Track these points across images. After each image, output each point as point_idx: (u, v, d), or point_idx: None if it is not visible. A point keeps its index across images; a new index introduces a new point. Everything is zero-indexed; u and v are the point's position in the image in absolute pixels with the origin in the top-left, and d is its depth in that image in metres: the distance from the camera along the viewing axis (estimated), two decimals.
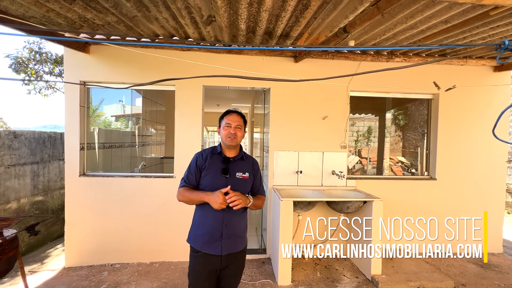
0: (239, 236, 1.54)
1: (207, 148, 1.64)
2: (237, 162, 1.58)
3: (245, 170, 1.57)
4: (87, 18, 2.24)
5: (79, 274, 2.78)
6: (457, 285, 2.63)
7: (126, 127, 4.83)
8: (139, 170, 3.64)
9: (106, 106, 4.39)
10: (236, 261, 1.54)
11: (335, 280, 2.69)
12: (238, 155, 1.60)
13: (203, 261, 1.48)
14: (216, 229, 1.47)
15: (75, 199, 2.96)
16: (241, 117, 1.58)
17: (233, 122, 1.53)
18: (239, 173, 1.54)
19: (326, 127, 3.22)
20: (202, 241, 1.49)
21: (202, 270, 1.49)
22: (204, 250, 1.47)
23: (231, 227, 1.49)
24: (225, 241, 1.47)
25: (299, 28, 2.34)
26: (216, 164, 1.54)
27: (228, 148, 1.58)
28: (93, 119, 4.10)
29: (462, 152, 3.38)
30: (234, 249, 1.51)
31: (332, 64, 3.17)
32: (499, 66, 3.35)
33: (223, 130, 1.55)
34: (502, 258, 3.30)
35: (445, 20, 2.15)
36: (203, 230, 1.50)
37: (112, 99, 4.59)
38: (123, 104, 4.66)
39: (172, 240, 3.06)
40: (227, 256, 1.48)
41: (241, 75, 3.02)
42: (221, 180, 1.50)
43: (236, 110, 1.60)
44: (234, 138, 1.52)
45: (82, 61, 2.94)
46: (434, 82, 2.78)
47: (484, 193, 3.43)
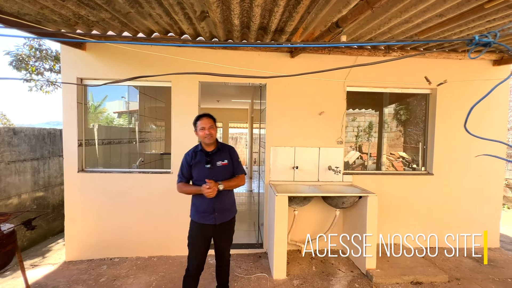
0: (228, 209, 2.02)
1: (191, 149, 2.06)
2: (216, 154, 2.00)
3: (224, 158, 2.01)
4: (81, 15, 2.25)
5: (79, 268, 2.84)
6: (451, 279, 2.65)
7: (129, 123, 4.86)
8: (137, 166, 3.68)
9: (108, 103, 4.42)
10: (227, 227, 2.04)
11: (330, 274, 2.73)
12: (215, 148, 2.02)
13: (200, 228, 1.96)
14: (210, 206, 1.93)
15: (74, 195, 3.01)
16: (211, 118, 2.00)
17: (205, 124, 1.94)
18: (219, 162, 1.98)
19: (322, 122, 3.22)
20: (199, 216, 1.95)
21: (199, 235, 1.97)
22: (201, 221, 1.95)
23: (221, 203, 1.96)
24: (217, 214, 1.94)
25: (293, 23, 2.33)
26: (200, 159, 1.97)
27: (207, 145, 2.00)
28: (95, 116, 4.14)
29: (459, 147, 3.37)
30: (225, 218, 2.00)
31: (328, 59, 3.15)
32: (498, 60, 3.31)
33: (200, 132, 1.95)
34: (498, 253, 3.30)
35: (440, 14, 2.12)
36: (200, 208, 1.95)
37: (115, 96, 4.62)
38: (125, 100, 4.69)
39: (170, 235, 3.10)
40: (220, 224, 1.97)
41: (237, 71, 3.03)
42: (205, 170, 1.94)
43: (205, 114, 2.00)
44: (210, 137, 1.94)
45: (79, 58, 2.96)
46: (425, 77, 2.77)
47: (481, 188, 3.42)
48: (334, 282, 2.59)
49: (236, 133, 15.34)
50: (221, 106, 9.46)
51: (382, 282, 2.56)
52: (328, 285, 2.53)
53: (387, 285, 2.54)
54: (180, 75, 3.03)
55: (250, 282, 2.58)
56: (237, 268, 2.82)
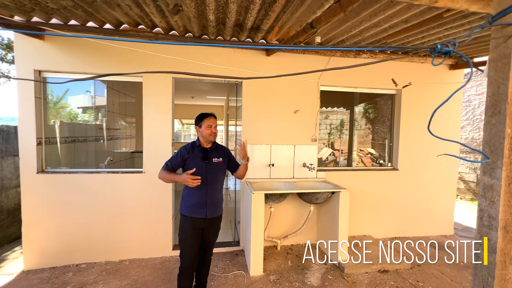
0: (218, 205, 2.10)
1: (188, 143, 2.13)
2: (213, 151, 2.12)
3: (219, 156, 2.13)
4: (38, 1, 2.04)
5: (40, 277, 2.62)
6: (413, 265, 2.88)
7: (95, 119, 4.53)
8: (105, 166, 3.47)
9: (71, 97, 4.07)
10: (214, 224, 2.10)
11: (305, 268, 2.82)
12: (213, 146, 2.14)
13: (191, 222, 2.00)
14: (201, 199, 2.00)
15: (33, 197, 2.76)
16: (216, 118, 2.13)
17: (213, 123, 2.07)
18: (215, 159, 2.10)
19: (297, 120, 3.29)
20: (191, 209, 2.00)
21: (190, 229, 2.00)
22: (192, 215, 2.00)
23: (212, 198, 2.04)
24: (209, 208, 2.02)
25: (269, 22, 2.34)
26: (198, 154, 2.07)
27: (207, 142, 2.11)
28: (55, 111, 3.79)
29: (421, 144, 3.65)
30: (215, 214, 2.07)
31: (303, 58, 3.22)
32: (454, 65, 3.63)
33: (206, 130, 2.05)
34: (453, 239, 3.66)
35: (405, 20, 2.27)
36: (192, 201, 2.01)
37: (78, 90, 4.26)
38: (91, 95, 4.35)
39: (142, 236, 2.98)
40: (210, 219, 2.03)
41: (212, 68, 2.97)
42: (202, 164, 2.03)
43: (212, 114, 2.12)
44: (215, 136, 2.09)
45: (36, 48, 2.69)
46: (392, 79, 2.96)
47: (439, 182, 3.75)
48: (309, 275, 2.68)
49: None
50: (196, 102, 9.23)
51: (353, 273, 2.71)
52: (303, 278, 2.62)
53: (357, 274, 2.70)
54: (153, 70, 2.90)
55: (227, 280, 2.57)
56: (214, 267, 2.80)
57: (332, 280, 2.61)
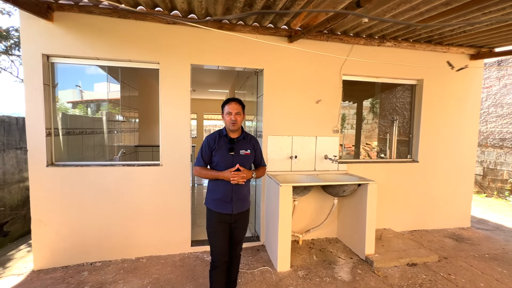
0: (245, 199, 1.95)
1: (215, 132, 1.96)
2: (240, 142, 1.92)
3: (247, 147, 1.93)
4: None
5: (53, 277, 2.44)
6: (440, 258, 2.82)
7: (92, 114, 4.27)
8: (119, 158, 3.28)
9: (61, 91, 3.78)
10: (243, 218, 1.96)
11: (332, 262, 2.72)
12: (240, 136, 1.94)
13: (218, 217, 1.88)
14: (227, 195, 1.86)
15: (43, 192, 2.57)
16: (240, 103, 1.88)
17: (233, 110, 1.84)
18: (242, 151, 1.90)
19: (319, 111, 3.17)
20: (216, 204, 1.88)
21: (217, 222, 1.88)
22: (218, 210, 1.87)
23: (238, 193, 1.88)
24: (234, 203, 1.87)
25: (302, 2, 2.19)
26: (223, 144, 1.89)
27: (231, 131, 1.91)
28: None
29: (440, 136, 3.59)
30: (242, 208, 1.92)
31: (326, 45, 3.08)
32: (475, 55, 3.56)
33: (226, 117, 1.86)
34: (471, 231, 3.63)
35: (446, 2, 2.15)
36: (217, 195, 1.88)
37: (67, 84, 3.94)
38: (80, 89, 4.08)
39: (159, 232, 2.84)
40: (237, 214, 1.89)
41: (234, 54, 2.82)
42: (228, 157, 1.86)
43: (234, 98, 1.90)
44: (235, 123, 1.84)
45: (44, 30, 2.47)
46: (447, 61, 2.91)
47: (457, 174, 3.71)
48: (337, 269, 2.59)
49: (210, 125, 14.87)
50: (196, 96, 9.01)
51: (383, 266, 2.63)
52: (332, 273, 2.52)
53: (386, 268, 2.62)
54: (170, 56, 2.72)
55: (254, 277, 2.46)
56: None
57: (363, 274, 2.52)
